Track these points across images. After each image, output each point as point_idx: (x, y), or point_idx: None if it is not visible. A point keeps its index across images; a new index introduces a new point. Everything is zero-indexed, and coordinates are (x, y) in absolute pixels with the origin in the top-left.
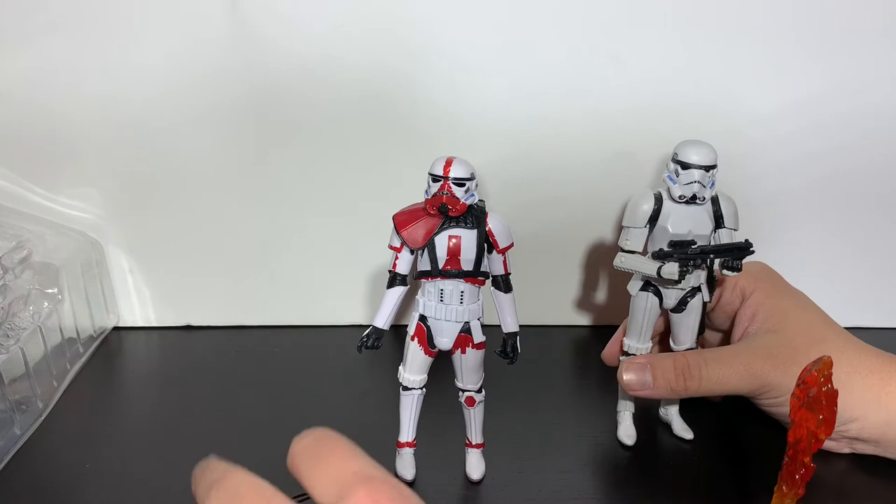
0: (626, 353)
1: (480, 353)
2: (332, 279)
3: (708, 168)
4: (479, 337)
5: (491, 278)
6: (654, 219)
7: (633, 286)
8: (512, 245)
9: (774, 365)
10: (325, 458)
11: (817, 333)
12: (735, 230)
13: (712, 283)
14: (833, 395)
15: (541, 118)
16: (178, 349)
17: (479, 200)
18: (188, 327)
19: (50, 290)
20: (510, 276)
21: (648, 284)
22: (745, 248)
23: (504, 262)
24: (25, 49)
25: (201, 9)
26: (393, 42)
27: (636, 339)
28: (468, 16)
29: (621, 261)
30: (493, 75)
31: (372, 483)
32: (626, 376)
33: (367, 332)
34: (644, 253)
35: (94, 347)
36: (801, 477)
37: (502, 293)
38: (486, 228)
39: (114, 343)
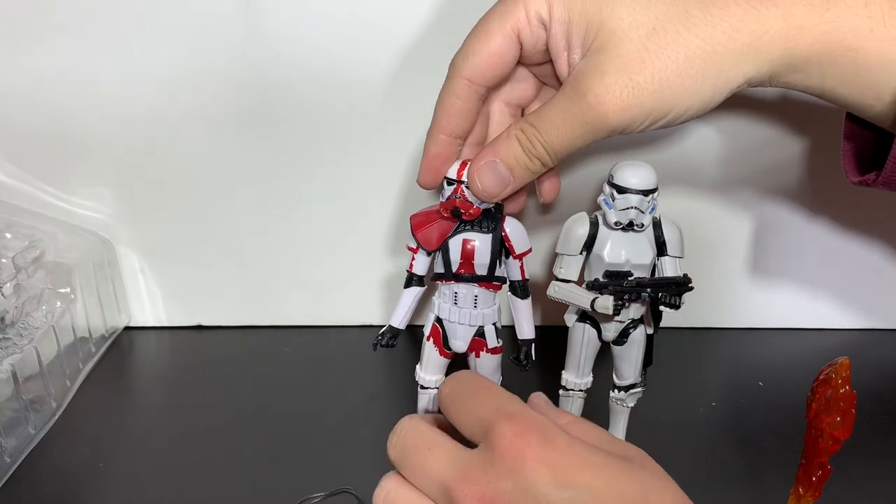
0: (565, 388)
1: (496, 357)
2: (344, 279)
3: (647, 192)
4: (493, 342)
5: (508, 283)
6: (589, 245)
7: (570, 317)
8: (530, 250)
9: (611, 106)
10: (467, 400)
11: (650, 17)
12: (680, 258)
13: (658, 315)
14: (851, 397)
15: None
16: (188, 349)
17: (497, 205)
18: (199, 327)
19: (63, 290)
20: (528, 282)
21: (586, 316)
22: (683, 284)
23: (521, 267)
24: (37, 49)
25: (213, 9)
26: (400, 45)
27: (574, 373)
28: (473, 17)
29: (555, 290)
30: None
31: (513, 418)
32: (482, 181)
33: (382, 330)
34: (581, 282)
35: (106, 347)
36: (818, 479)
37: (519, 299)
38: (503, 233)
39: (125, 343)
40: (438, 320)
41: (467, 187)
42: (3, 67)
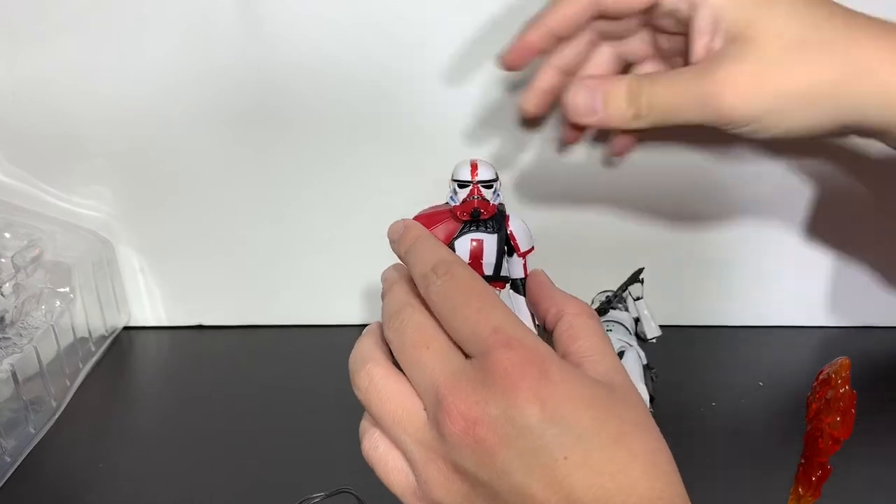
0: None
1: None
2: (344, 279)
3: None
4: None
5: (510, 282)
6: None
7: None
8: (532, 249)
9: (734, 90)
10: (462, 305)
11: (797, 33)
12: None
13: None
14: (851, 397)
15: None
16: (188, 349)
17: (500, 203)
18: (199, 327)
19: (62, 290)
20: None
21: None
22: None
23: (524, 265)
24: (37, 49)
25: (212, 10)
26: (400, 46)
27: None
28: (473, 18)
29: None
30: (496, 77)
31: (511, 345)
32: (574, 99)
33: None
34: None
35: (106, 347)
36: (818, 479)
37: (521, 296)
38: (508, 231)
39: (125, 342)
40: None
41: (484, 186)
42: (3, 67)
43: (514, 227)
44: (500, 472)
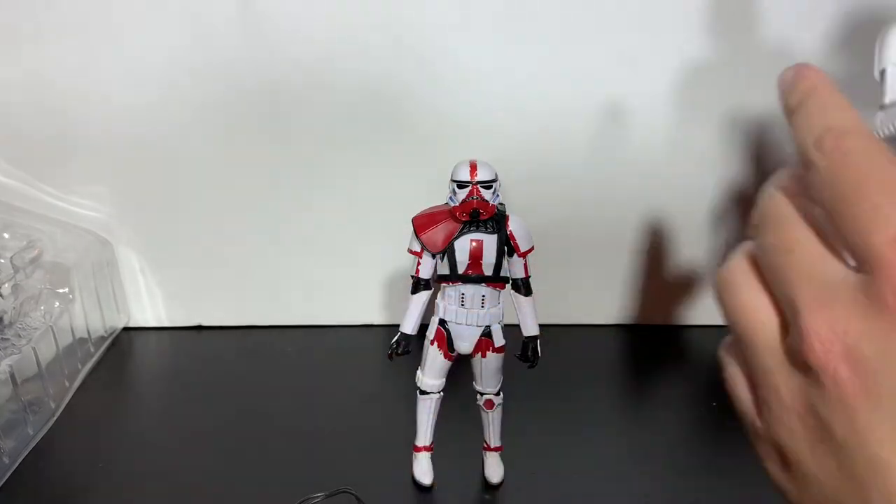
0: None
1: (500, 356)
2: (343, 279)
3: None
4: (499, 341)
5: (511, 282)
6: None
7: None
8: (532, 249)
9: None
10: (850, 198)
11: None
12: None
13: None
14: None
15: (542, 116)
16: (188, 349)
17: (500, 203)
18: (199, 327)
19: (61, 290)
20: (531, 280)
21: None
22: None
23: (525, 265)
24: (36, 49)
25: (211, 10)
26: (400, 45)
27: None
28: (472, 18)
29: None
30: (495, 77)
31: None
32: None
33: (395, 338)
34: None
35: (105, 347)
36: None
37: (522, 297)
38: (507, 231)
39: (124, 343)
40: (442, 322)
41: (483, 187)
42: (3, 67)
43: (514, 227)
44: (859, 434)
